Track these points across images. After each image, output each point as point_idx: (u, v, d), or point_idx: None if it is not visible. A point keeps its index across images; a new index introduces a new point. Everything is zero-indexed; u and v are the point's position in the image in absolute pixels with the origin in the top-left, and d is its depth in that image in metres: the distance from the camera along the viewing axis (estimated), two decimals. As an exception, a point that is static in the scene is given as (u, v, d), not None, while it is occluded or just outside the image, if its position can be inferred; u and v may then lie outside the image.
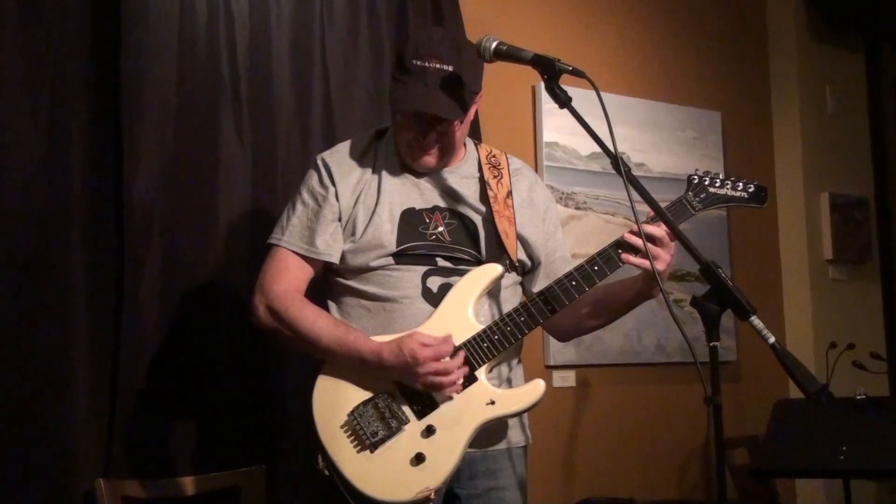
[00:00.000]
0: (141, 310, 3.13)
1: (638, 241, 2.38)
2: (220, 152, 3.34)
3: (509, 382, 2.56)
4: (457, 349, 2.40)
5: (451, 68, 2.44)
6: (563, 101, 2.31)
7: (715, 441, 2.09)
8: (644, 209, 2.34)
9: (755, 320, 2.03)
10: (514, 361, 2.60)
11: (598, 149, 2.29)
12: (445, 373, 2.34)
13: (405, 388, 2.40)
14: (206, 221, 3.30)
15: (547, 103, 4.23)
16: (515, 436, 2.57)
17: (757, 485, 4.70)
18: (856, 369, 4.16)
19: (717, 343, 2.07)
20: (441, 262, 2.50)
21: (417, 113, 2.45)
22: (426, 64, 2.43)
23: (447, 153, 2.56)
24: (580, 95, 2.33)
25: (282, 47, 3.53)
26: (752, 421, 4.53)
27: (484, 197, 2.59)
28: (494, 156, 2.70)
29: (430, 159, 2.53)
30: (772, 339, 2.01)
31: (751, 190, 2.59)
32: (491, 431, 2.48)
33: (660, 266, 2.37)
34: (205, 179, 3.31)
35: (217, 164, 3.33)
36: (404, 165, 2.58)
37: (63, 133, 3.09)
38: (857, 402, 3.76)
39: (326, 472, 2.38)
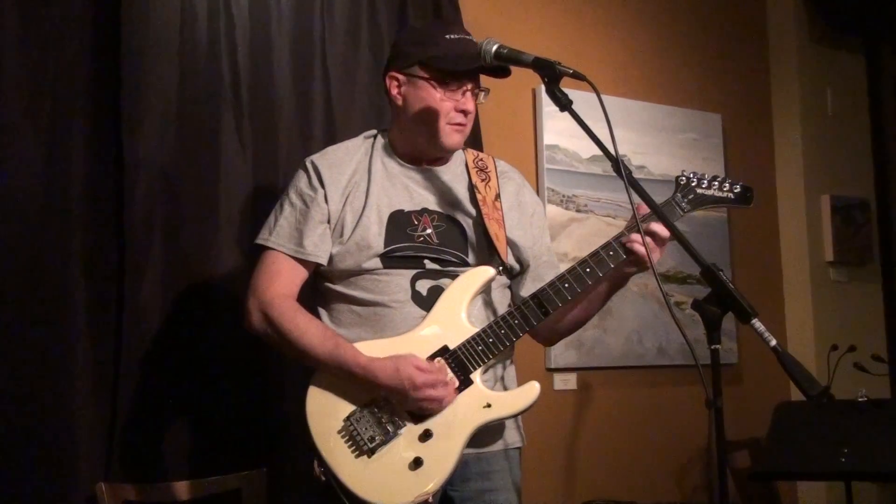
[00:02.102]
0: (142, 313, 3.14)
1: (637, 239, 2.41)
2: (220, 155, 3.34)
3: (502, 381, 2.57)
4: (451, 353, 2.40)
5: (471, 38, 2.54)
6: (564, 104, 2.31)
7: (716, 444, 2.09)
8: (645, 212, 2.37)
9: (756, 323, 2.03)
10: (507, 362, 2.61)
11: (598, 151, 2.29)
12: (439, 399, 2.35)
13: None
14: (206, 224, 3.30)
15: (547, 106, 4.23)
16: (511, 437, 2.58)
17: (758, 487, 4.70)
18: (857, 371, 4.15)
19: (718, 346, 2.07)
20: (429, 265, 2.50)
21: (469, 71, 2.51)
22: (461, 36, 2.53)
23: (468, 133, 2.60)
24: (581, 98, 2.33)
25: (282, 50, 3.53)
26: (754, 423, 4.52)
27: (473, 199, 2.60)
28: (481, 159, 2.71)
29: (462, 138, 2.59)
30: (773, 342, 2.01)
31: (737, 191, 2.61)
32: (487, 432, 2.49)
33: (655, 256, 2.42)
34: (206, 182, 3.31)
35: (218, 167, 3.34)
36: (395, 167, 2.59)
37: (64, 136, 3.10)
38: (859, 405, 3.76)
39: (323, 478, 2.39)
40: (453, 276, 2.48)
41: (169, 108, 3.27)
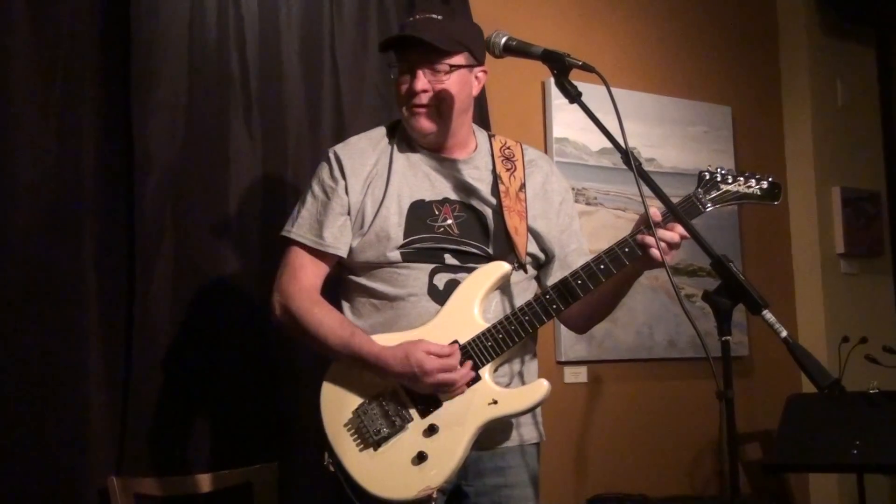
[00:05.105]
0: (152, 307, 3.14)
1: (652, 242, 2.37)
2: (230, 149, 3.35)
3: (521, 377, 2.55)
4: (461, 348, 2.40)
5: (441, 17, 2.49)
6: (574, 96, 2.30)
7: (727, 436, 2.09)
8: (655, 204, 2.32)
9: (767, 314, 2.02)
10: (528, 357, 2.59)
11: (608, 144, 2.28)
12: (451, 382, 2.35)
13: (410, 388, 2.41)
14: (216, 219, 3.30)
15: (557, 99, 4.21)
16: (528, 433, 2.56)
17: (770, 480, 4.69)
18: (868, 363, 4.15)
19: (728, 337, 2.07)
20: (449, 260, 2.49)
21: (405, 47, 2.48)
22: (417, 17, 2.51)
23: (444, 116, 2.52)
24: (590, 91, 2.32)
25: (291, 43, 3.53)
26: (765, 416, 4.52)
27: (496, 190, 2.57)
28: (509, 147, 2.67)
29: (427, 122, 2.51)
30: (784, 333, 2.00)
31: (764, 187, 2.51)
32: (498, 430, 2.48)
33: (667, 258, 2.36)
34: (215, 176, 3.32)
35: (227, 161, 3.34)
36: (417, 156, 2.58)
37: (74, 131, 3.10)
38: (871, 396, 3.76)
39: (332, 469, 2.40)
40: (471, 271, 2.47)
41: (178, 102, 3.27)
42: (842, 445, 3.63)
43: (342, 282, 2.61)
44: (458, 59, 2.51)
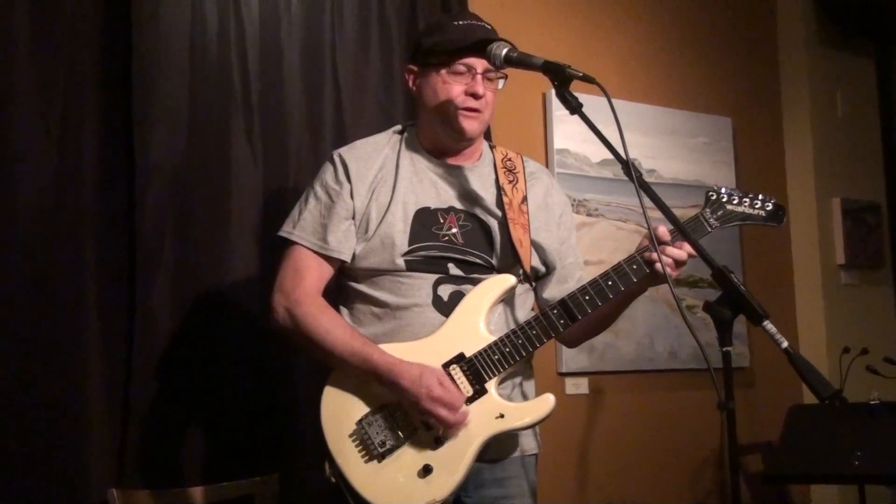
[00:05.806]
0: (153, 318, 3.13)
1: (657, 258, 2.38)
2: (231, 160, 3.35)
3: (521, 388, 2.55)
4: (467, 361, 2.39)
5: (490, 27, 2.52)
6: (574, 108, 2.30)
7: (729, 447, 2.10)
8: (656, 215, 2.32)
9: (768, 325, 2.03)
10: (528, 369, 2.59)
11: (609, 155, 2.29)
12: (445, 420, 2.34)
13: None
14: (217, 227, 3.30)
15: (558, 110, 4.22)
16: (528, 444, 2.56)
17: (771, 490, 4.69)
18: (869, 374, 4.15)
19: (729, 348, 2.07)
20: (453, 270, 2.48)
21: (472, 51, 2.46)
22: (470, 22, 2.52)
23: (486, 123, 2.56)
24: (591, 102, 2.33)
25: (292, 54, 3.53)
26: (766, 427, 4.51)
27: (499, 202, 2.57)
28: (510, 159, 2.68)
29: (478, 126, 2.53)
30: (785, 344, 2.00)
31: (769, 208, 2.57)
32: (503, 442, 2.47)
33: (674, 275, 2.39)
34: (216, 186, 3.31)
35: (228, 172, 3.34)
36: (423, 162, 2.57)
37: (75, 141, 3.10)
38: (872, 407, 3.76)
39: (333, 480, 2.38)
40: (475, 283, 2.46)
41: (180, 112, 3.27)
42: (843, 456, 3.63)
43: (341, 288, 2.59)
44: (504, 71, 2.53)
